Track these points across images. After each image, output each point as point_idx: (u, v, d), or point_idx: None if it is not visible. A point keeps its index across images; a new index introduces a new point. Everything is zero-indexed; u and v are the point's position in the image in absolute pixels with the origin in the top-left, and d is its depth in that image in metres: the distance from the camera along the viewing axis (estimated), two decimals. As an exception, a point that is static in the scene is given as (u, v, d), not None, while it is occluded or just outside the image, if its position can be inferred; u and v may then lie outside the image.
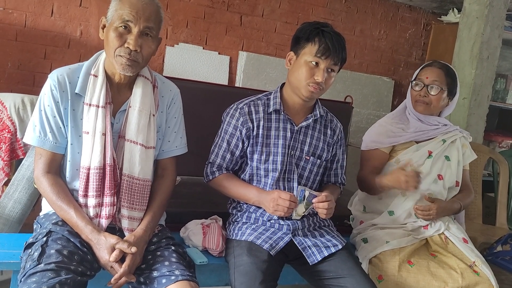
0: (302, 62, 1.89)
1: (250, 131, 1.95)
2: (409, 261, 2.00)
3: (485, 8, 3.39)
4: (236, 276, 1.75)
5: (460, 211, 2.24)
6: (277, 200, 1.82)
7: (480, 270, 1.96)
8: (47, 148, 1.66)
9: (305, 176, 2.01)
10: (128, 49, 1.62)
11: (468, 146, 2.32)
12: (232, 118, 1.97)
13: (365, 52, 4.67)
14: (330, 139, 2.07)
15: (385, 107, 4.70)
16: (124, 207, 1.69)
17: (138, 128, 1.70)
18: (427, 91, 2.19)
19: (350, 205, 2.45)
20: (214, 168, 2.01)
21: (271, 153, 1.95)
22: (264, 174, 1.96)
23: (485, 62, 3.47)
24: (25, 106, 2.78)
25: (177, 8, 3.86)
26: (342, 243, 1.96)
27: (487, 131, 3.82)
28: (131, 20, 1.61)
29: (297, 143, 1.99)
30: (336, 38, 1.87)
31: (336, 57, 1.87)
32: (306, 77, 1.87)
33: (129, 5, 1.62)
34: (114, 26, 1.62)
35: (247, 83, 3.98)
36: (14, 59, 3.43)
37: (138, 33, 1.62)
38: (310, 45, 1.88)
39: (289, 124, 1.98)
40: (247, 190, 1.96)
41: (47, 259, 1.45)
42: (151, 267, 1.62)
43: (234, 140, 1.97)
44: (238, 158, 1.99)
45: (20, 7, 3.40)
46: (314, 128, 2.03)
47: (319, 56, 1.85)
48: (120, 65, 1.64)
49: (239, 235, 1.93)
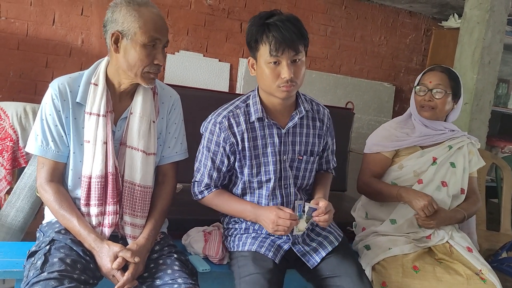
0: (262, 65, 1.75)
1: (235, 146, 1.83)
2: (414, 266, 1.98)
3: (486, 13, 3.39)
4: (242, 286, 1.72)
5: (464, 221, 2.20)
6: (276, 221, 1.72)
7: (487, 278, 1.93)
8: (49, 157, 1.66)
9: (300, 176, 1.92)
10: (158, 66, 1.65)
11: (476, 152, 2.27)
12: (213, 135, 1.84)
13: (366, 58, 4.68)
14: (320, 131, 1.96)
15: (386, 113, 4.70)
16: (126, 214, 1.69)
17: (139, 135, 1.70)
18: (432, 95, 2.18)
19: (354, 211, 2.43)
20: (201, 187, 1.91)
21: (262, 164, 1.85)
22: (258, 186, 1.88)
23: (487, 67, 3.47)
24: (27, 115, 2.78)
25: (178, 16, 3.87)
26: (338, 238, 1.93)
27: (489, 137, 3.81)
28: (159, 37, 1.62)
29: (287, 146, 1.87)
30: (285, 26, 1.69)
31: (294, 46, 1.70)
32: (273, 80, 1.73)
33: (151, 20, 1.61)
34: (143, 43, 1.60)
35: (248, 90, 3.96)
36: (16, 68, 3.44)
37: (163, 48, 1.66)
38: (262, 46, 1.73)
39: (275, 129, 1.86)
40: (241, 207, 1.86)
41: (50, 268, 1.45)
42: (154, 275, 1.62)
43: (219, 157, 1.85)
44: (225, 173, 1.89)
45: (22, 16, 3.41)
46: (302, 125, 1.91)
47: (274, 54, 1.70)
48: (148, 80, 1.67)
49: (240, 246, 1.88)
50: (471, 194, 2.26)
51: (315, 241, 1.92)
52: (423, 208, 2.03)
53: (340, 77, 4.51)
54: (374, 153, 2.25)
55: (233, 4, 4.05)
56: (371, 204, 2.29)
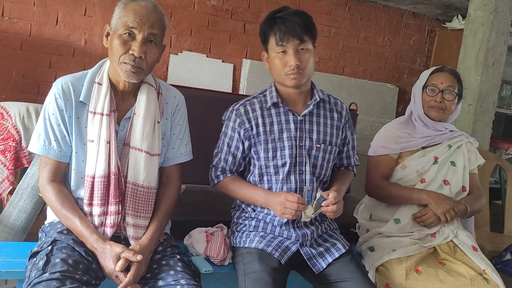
0: (272, 56, 1.89)
1: (249, 131, 1.91)
2: (416, 269, 1.98)
3: (490, 14, 3.38)
4: (246, 283, 1.73)
5: (468, 212, 2.19)
6: (284, 203, 1.77)
7: (490, 278, 1.93)
8: (52, 156, 1.65)
9: (318, 165, 1.95)
10: (133, 56, 1.62)
11: (475, 151, 2.30)
12: (230, 121, 1.95)
13: (369, 59, 4.67)
14: (338, 122, 2.02)
15: (390, 114, 4.69)
16: (129, 215, 1.68)
17: (143, 135, 1.69)
18: (443, 96, 2.18)
19: (356, 213, 2.43)
20: (218, 171, 1.99)
21: (278, 148, 1.91)
22: (274, 172, 1.91)
23: (491, 68, 3.46)
24: (30, 115, 2.78)
25: (181, 16, 3.87)
26: (346, 246, 1.94)
27: (493, 138, 3.80)
28: (135, 27, 1.61)
29: (304, 133, 1.93)
30: (291, 18, 1.83)
31: (298, 35, 1.82)
32: (281, 68, 1.86)
33: (133, 12, 1.62)
34: (119, 33, 1.62)
35: (251, 91, 3.97)
36: (19, 68, 3.45)
37: (142, 39, 1.62)
38: (270, 38, 1.87)
39: (291, 115, 1.93)
40: (253, 192, 1.92)
41: (52, 268, 1.44)
42: (157, 276, 1.61)
43: (234, 142, 1.94)
44: (240, 160, 1.96)
45: (25, 16, 3.42)
46: (319, 114, 1.98)
47: (280, 44, 1.83)
48: (125, 72, 1.64)
49: (247, 242, 1.91)
50: (474, 189, 2.27)
51: (323, 246, 1.92)
52: (445, 212, 2.06)
53: (344, 78, 4.51)
54: (381, 155, 2.25)
55: (237, 4, 4.05)
56: (376, 206, 2.29)
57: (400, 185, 2.21)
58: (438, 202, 2.08)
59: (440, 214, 2.07)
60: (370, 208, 2.33)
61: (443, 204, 2.07)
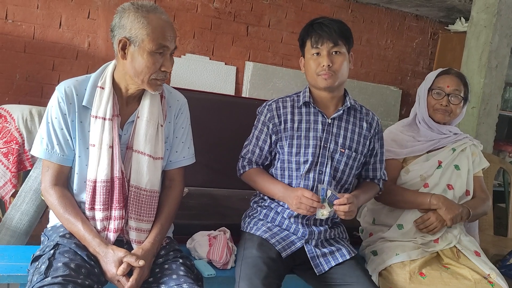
0: (307, 59, 1.96)
1: (277, 126, 1.97)
2: (421, 273, 1.97)
3: (493, 17, 3.37)
4: (242, 267, 1.77)
5: (471, 216, 2.18)
6: (300, 198, 1.82)
7: (495, 282, 1.92)
8: (54, 160, 1.65)
9: (340, 169, 1.97)
10: (165, 73, 1.64)
11: (479, 153, 2.29)
12: (261, 115, 2.03)
13: (372, 61, 4.67)
14: (366, 132, 2.04)
15: (393, 116, 4.68)
16: (132, 219, 1.68)
17: (146, 139, 1.69)
18: (449, 100, 2.17)
19: (359, 217, 2.42)
20: (245, 162, 2.05)
21: (302, 145, 1.95)
22: (296, 167, 1.95)
23: (494, 71, 3.45)
24: (33, 118, 2.78)
25: (184, 19, 3.87)
26: (351, 253, 1.94)
27: (496, 141, 3.79)
28: (167, 45, 1.61)
29: (330, 135, 1.97)
30: (327, 23, 1.91)
31: (333, 39, 1.89)
32: (314, 69, 1.92)
33: (160, 28, 1.59)
34: (149, 50, 1.59)
35: (254, 93, 3.97)
36: (23, 70, 3.45)
37: (171, 55, 1.65)
38: (307, 42, 1.95)
39: (320, 117, 1.98)
40: (273, 186, 1.97)
41: (54, 272, 1.44)
42: (159, 280, 1.61)
43: (263, 136, 2.01)
44: (267, 153, 2.02)
45: (28, 19, 3.42)
46: (348, 120, 2.02)
47: (315, 46, 1.91)
48: (155, 86, 1.66)
49: (253, 229, 1.97)
50: (479, 193, 2.25)
51: (328, 249, 1.93)
52: (454, 218, 2.06)
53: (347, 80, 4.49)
54: (387, 160, 2.24)
55: (240, 7, 4.05)
56: (379, 210, 2.28)
57: (410, 190, 2.19)
58: (448, 207, 2.07)
59: (448, 220, 2.06)
60: (373, 213, 2.32)
61: (452, 210, 2.06)
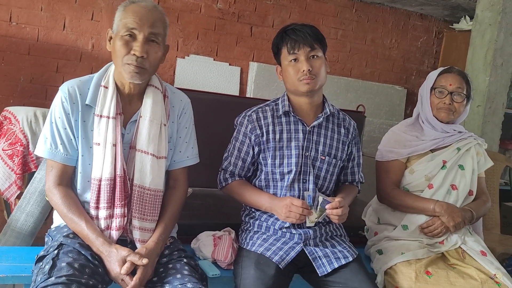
0: (285, 66, 1.95)
1: (259, 138, 1.96)
2: (427, 271, 1.95)
3: (498, 15, 3.36)
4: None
5: (474, 218, 2.17)
6: (289, 207, 1.81)
7: (501, 282, 1.91)
8: (58, 160, 1.65)
9: (321, 176, 1.98)
10: (135, 56, 1.62)
11: (483, 153, 2.26)
12: (241, 126, 2.00)
13: (377, 61, 4.65)
14: (344, 137, 2.05)
15: (398, 116, 4.67)
16: (135, 218, 1.68)
17: (149, 138, 1.69)
18: (452, 98, 2.16)
19: (364, 216, 2.41)
20: (226, 175, 2.02)
21: (285, 156, 1.94)
22: (280, 178, 1.95)
23: (499, 69, 3.43)
24: (37, 119, 2.79)
25: (188, 20, 3.88)
26: (354, 255, 1.92)
27: (502, 139, 3.77)
28: (135, 27, 1.61)
29: (311, 143, 1.97)
30: (300, 28, 1.92)
31: (308, 43, 1.89)
32: (294, 75, 1.91)
33: (132, 13, 1.62)
34: (120, 35, 1.62)
35: (258, 94, 3.97)
36: (27, 72, 3.46)
37: (143, 39, 1.62)
38: (282, 49, 1.95)
39: (300, 125, 1.97)
40: (259, 197, 1.95)
41: (58, 272, 1.44)
42: (163, 280, 1.60)
43: (245, 147, 1.98)
44: (249, 165, 2.00)
45: (32, 21, 3.44)
46: (327, 127, 2.02)
47: (292, 52, 1.90)
48: (128, 73, 1.64)
49: (249, 245, 1.92)
50: (481, 195, 2.25)
51: (329, 249, 1.92)
52: (456, 225, 2.06)
53: (351, 80, 4.49)
54: (390, 161, 2.22)
55: (243, 8, 4.05)
56: (383, 210, 2.27)
57: (412, 195, 2.18)
58: (450, 214, 2.06)
59: (451, 227, 2.06)
60: (378, 212, 2.30)
61: (454, 217, 2.06)
